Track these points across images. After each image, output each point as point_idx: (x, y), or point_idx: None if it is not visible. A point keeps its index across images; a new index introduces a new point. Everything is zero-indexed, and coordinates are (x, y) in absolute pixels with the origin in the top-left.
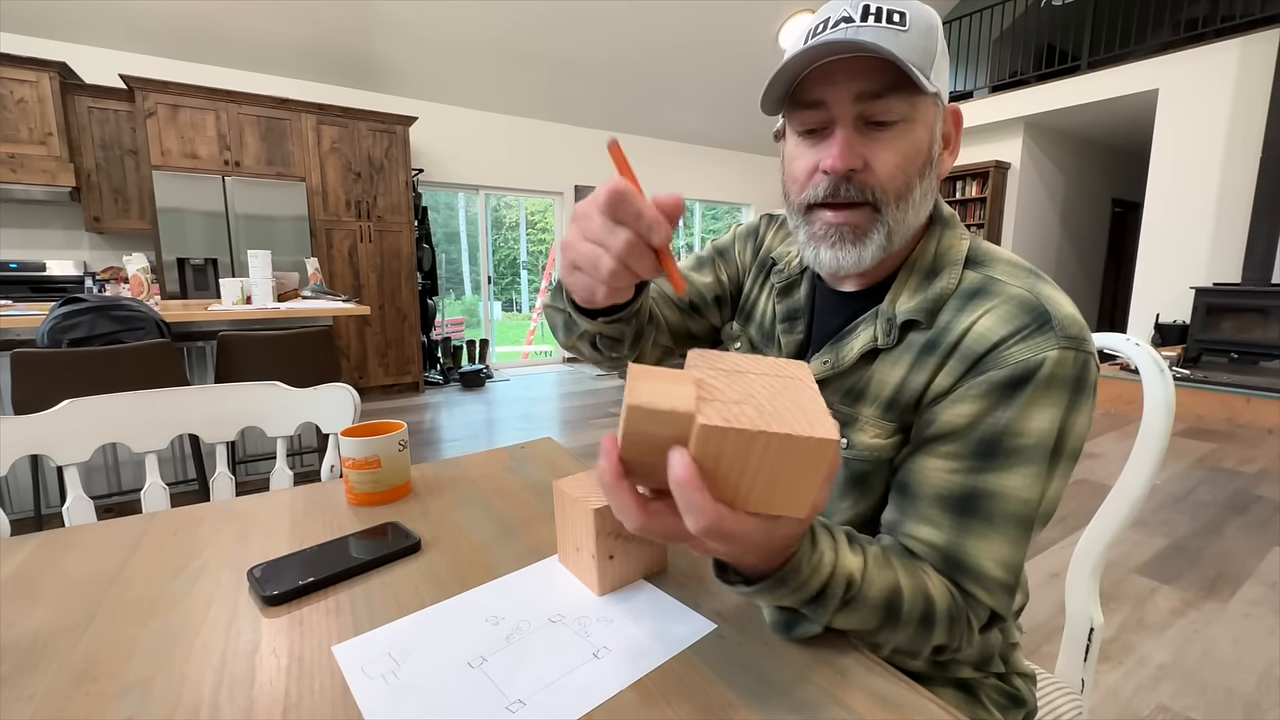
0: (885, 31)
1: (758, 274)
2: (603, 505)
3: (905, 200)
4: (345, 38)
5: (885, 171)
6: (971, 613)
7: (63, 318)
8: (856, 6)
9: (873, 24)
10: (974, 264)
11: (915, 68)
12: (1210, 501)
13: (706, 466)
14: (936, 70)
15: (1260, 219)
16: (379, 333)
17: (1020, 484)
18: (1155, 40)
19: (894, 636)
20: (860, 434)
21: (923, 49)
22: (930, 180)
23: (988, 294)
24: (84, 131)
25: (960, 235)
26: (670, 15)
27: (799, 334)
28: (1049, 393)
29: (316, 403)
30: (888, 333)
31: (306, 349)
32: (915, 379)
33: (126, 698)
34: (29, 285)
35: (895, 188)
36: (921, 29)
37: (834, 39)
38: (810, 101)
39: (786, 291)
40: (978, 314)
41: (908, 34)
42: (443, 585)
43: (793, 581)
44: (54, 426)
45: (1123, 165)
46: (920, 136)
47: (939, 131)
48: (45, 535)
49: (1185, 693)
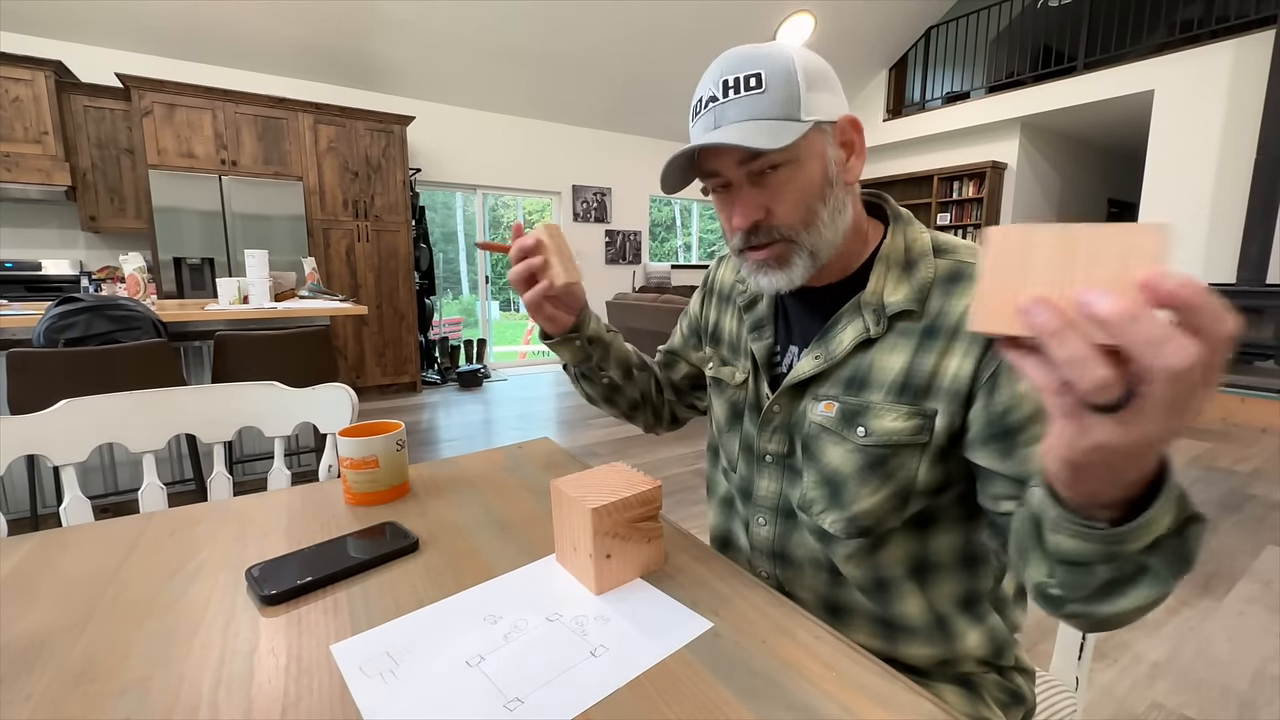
0: (747, 100)
1: (719, 303)
2: (600, 505)
3: (814, 225)
4: (342, 37)
5: (786, 211)
6: None
7: (59, 317)
8: (718, 84)
9: (734, 97)
10: (941, 253)
11: (779, 119)
12: (1205, 500)
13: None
14: (810, 101)
15: (1255, 219)
16: (376, 332)
17: None
18: (1151, 41)
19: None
20: (877, 420)
21: (785, 99)
22: (837, 194)
23: (965, 277)
24: (80, 130)
25: (920, 230)
26: (669, 15)
27: (767, 339)
28: None
29: (314, 403)
30: (878, 322)
31: (304, 349)
32: (923, 362)
33: (124, 698)
34: (25, 285)
35: (800, 219)
36: (779, 80)
37: (699, 142)
38: (708, 171)
39: (750, 306)
40: (967, 297)
41: (766, 93)
42: (440, 584)
43: (1171, 472)
44: (51, 426)
45: (1118, 165)
46: (810, 168)
47: (832, 152)
48: (42, 535)
49: (1180, 690)
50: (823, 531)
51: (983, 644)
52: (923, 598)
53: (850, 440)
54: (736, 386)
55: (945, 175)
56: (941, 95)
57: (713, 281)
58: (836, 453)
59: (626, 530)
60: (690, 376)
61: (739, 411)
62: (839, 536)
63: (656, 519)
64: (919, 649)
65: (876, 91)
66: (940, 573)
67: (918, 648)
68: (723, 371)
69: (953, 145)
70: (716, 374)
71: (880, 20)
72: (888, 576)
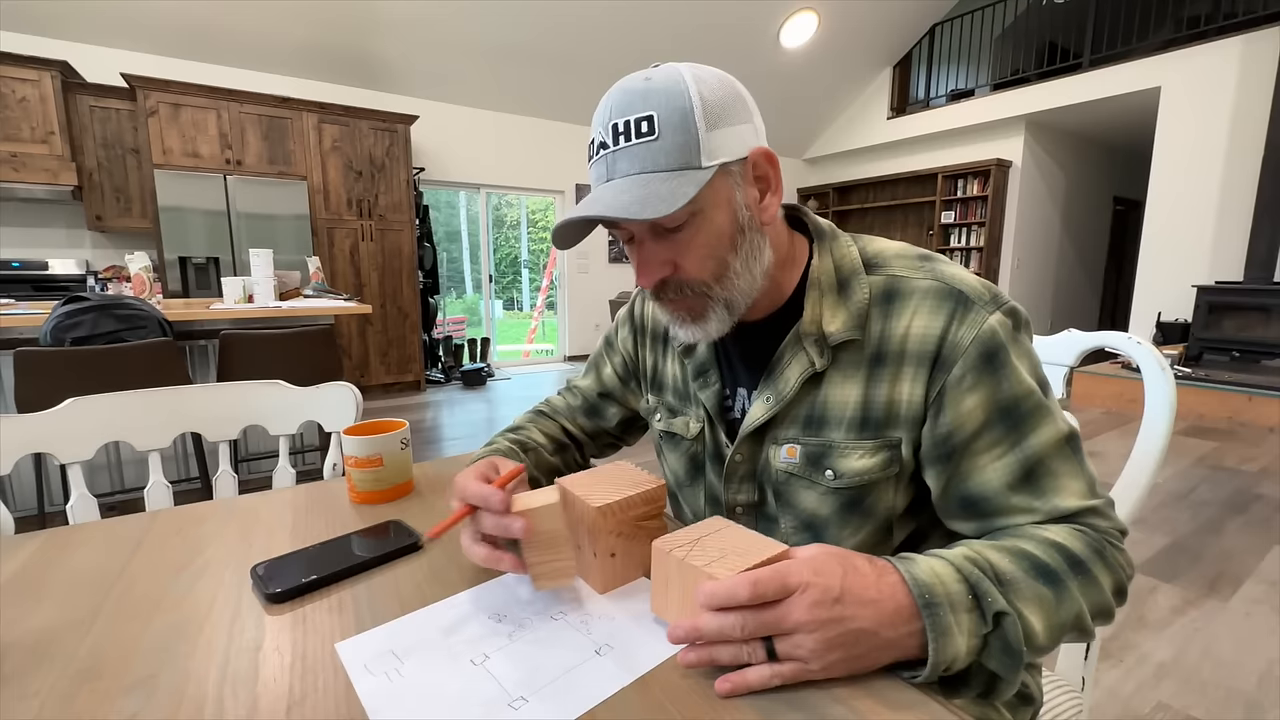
0: (638, 149)
1: (654, 343)
2: (605, 503)
3: (726, 277)
4: (346, 37)
5: (694, 266)
6: (1105, 537)
7: (65, 316)
8: (607, 129)
9: (624, 145)
10: (872, 267)
11: (676, 170)
12: (1211, 500)
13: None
14: (711, 143)
15: (1262, 217)
16: (380, 331)
17: (1049, 429)
18: (1157, 38)
19: (1072, 601)
20: (844, 461)
21: (681, 145)
22: (750, 240)
23: (902, 295)
24: (86, 130)
25: (846, 243)
26: (673, 13)
27: (714, 385)
28: (1016, 346)
29: (318, 401)
30: (822, 354)
31: (308, 348)
32: (878, 394)
33: (130, 695)
34: (31, 284)
35: (710, 273)
36: (674, 123)
37: (591, 201)
38: (609, 223)
39: (689, 350)
40: (906, 317)
41: (659, 140)
42: (445, 583)
43: (940, 600)
44: (57, 425)
45: (1124, 163)
46: (717, 219)
47: (741, 195)
48: (49, 533)
49: (1185, 691)
50: None
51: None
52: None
53: (820, 484)
54: (693, 440)
55: (949, 173)
56: (946, 93)
57: (642, 319)
58: (810, 497)
59: (630, 529)
60: (625, 421)
61: (699, 464)
62: None
63: (660, 518)
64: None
65: (881, 89)
66: None
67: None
68: (674, 424)
69: (957, 143)
70: (669, 427)
71: (885, 17)
72: None
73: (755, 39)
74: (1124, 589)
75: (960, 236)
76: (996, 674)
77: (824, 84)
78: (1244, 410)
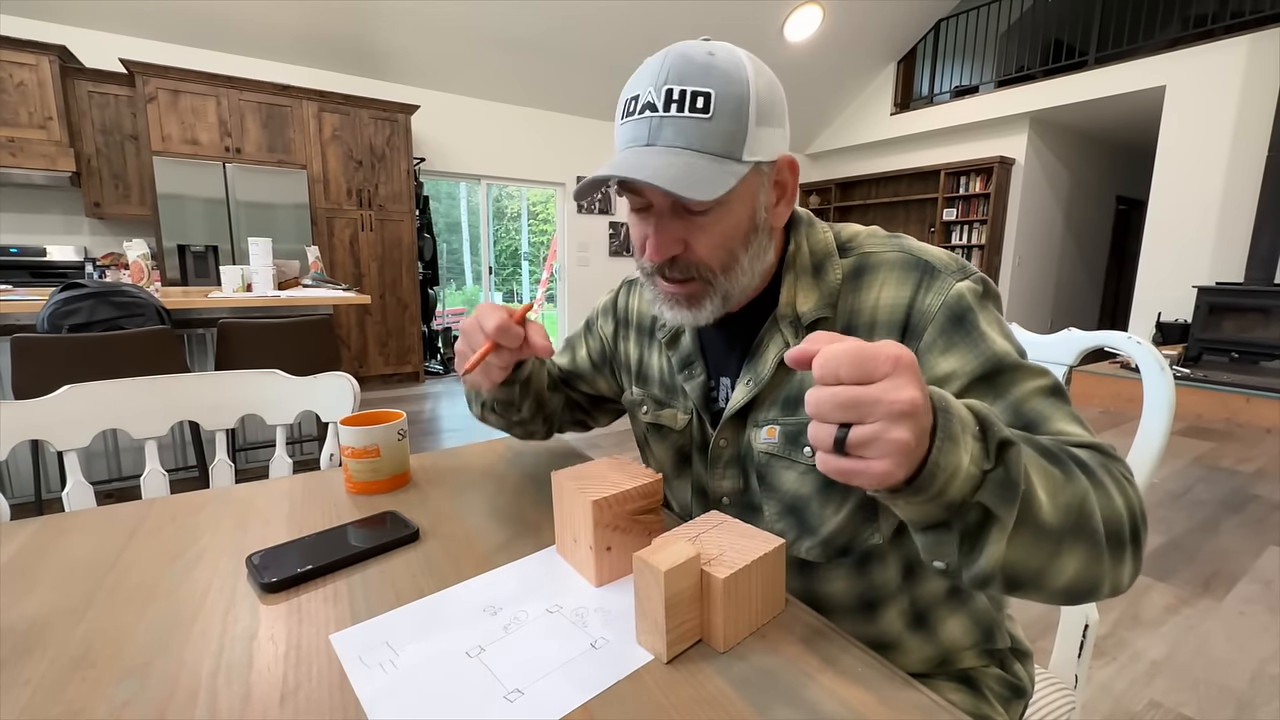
0: (689, 124)
1: (639, 336)
2: (601, 497)
3: (732, 270)
4: (347, 24)
5: (705, 252)
6: (1113, 463)
7: (63, 303)
8: (660, 91)
9: (675, 114)
10: (845, 250)
11: (719, 156)
12: (1207, 500)
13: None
14: (755, 140)
15: (1265, 218)
16: (379, 322)
17: (1032, 381)
18: (1163, 36)
19: (1078, 485)
20: None
21: (730, 133)
22: (760, 240)
23: (870, 269)
24: (84, 116)
25: (822, 230)
26: (677, 5)
27: (699, 376)
28: (985, 312)
29: (316, 391)
30: (796, 335)
31: (307, 337)
32: None
33: (124, 683)
34: (29, 270)
35: (719, 262)
36: (729, 110)
37: (631, 162)
38: (631, 188)
39: (674, 342)
40: (875, 289)
41: (711, 121)
42: (441, 575)
43: (953, 410)
44: (54, 412)
45: (1128, 162)
46: (738, 212)
47: (764, 196)
48: (44, 520)
49: (1178, 689)
50: (802, 562)
51: (968, 630)
52: (905, 602)
53: (800, 462)
54: (680, 431)
55: (952, 170)
56: (950, 89)
57: (625, 312)
58: (790, 477)
59: (627, 523)
60: (591, 397)
61: (686, 455)
62: (820, 562)
63: (657, 512)
64: (908, 656)
65: (884, 85)
66: (926, 569)
67: (905, 655)
68: (662, 415)
69: (960, 140)
70: (656, 419)
71: (889, 13)
72: (877, 596)
73: (759, 32)
74: (1136, 516)
75: (962, 234)
76: (991, 512)
77: (828, 79)
78: (1242, 411)
